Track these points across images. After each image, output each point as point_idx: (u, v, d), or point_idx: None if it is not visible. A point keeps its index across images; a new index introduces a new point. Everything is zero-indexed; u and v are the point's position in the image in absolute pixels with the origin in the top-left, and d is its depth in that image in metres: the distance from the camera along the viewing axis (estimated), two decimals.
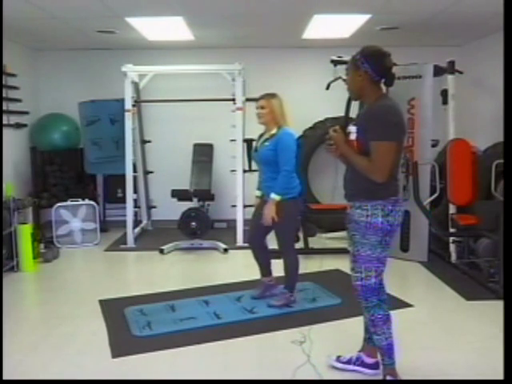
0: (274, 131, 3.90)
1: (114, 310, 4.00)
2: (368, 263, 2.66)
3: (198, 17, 5.21)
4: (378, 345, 2.73)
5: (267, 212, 3.78)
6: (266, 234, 4.11)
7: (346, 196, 2.80)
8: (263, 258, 4.18)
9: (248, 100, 6.13)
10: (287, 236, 4.03)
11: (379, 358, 2.82)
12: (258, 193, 4.15)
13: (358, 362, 2.94)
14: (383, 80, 2.67)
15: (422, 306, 4.05)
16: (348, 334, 3.43)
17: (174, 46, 6.68)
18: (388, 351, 2.71)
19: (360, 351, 2.97)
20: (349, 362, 2.96)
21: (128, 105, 6.10)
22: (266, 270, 4.21)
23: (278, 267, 4.21)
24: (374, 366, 2.91)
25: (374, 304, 2.69)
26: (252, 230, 4.18)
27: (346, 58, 5.62)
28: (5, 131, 5.83)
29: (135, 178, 6.45)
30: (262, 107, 3.91)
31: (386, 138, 2.54)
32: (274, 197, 3.78)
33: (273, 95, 3.95)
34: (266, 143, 3.91)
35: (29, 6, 4.57)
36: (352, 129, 2.69)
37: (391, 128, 2.56)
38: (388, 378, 2.72)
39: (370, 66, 2.60)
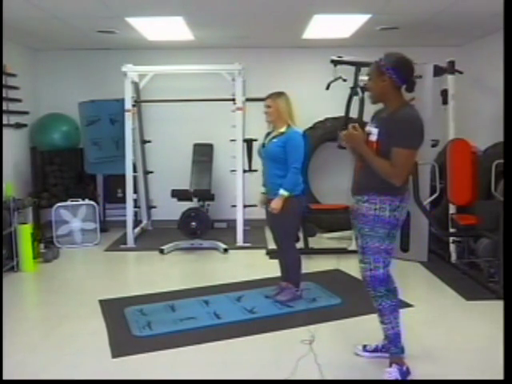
0: (282, 129, 3.95)
1: (114, 310, 4.00)
2: (377, 254, 2.79)
3: (198, 17, 5.21)
4: (385, 333, 2.87)
5: (275, 206, 3.85)
6: None
7: (352, 190, 2.88)
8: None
9: (248, 100, 6.13)
10: (289, 232, 4.08)
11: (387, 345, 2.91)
12: (263, 189, 4.19)
13: (385, 349, 3.04)
14: (404, 86, 2.76)
15: (422, 305, 4.05)
16: (348, 333, 3.43)
17: (174, 46, 6.68)
18: (394, 340, 2.85)
19: (385, 339, 3.05)
20: (375, 350, 3.10)
21: (128, 105, 6.10)
22: (287, 274, 4.22)
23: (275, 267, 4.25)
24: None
25: (381, 294, 2.82)
26: (274, 233, 4.19)
27: (346, 58, 5.69)
28: (5, 131, 5.83)
29: (135, 178, 6.45)
30: (269, 106, 3.99)
31: (409, 146, 2.67)
32: (283, 193, 3.84)
33: (279, 94, 4.01)
34: (275, 140, 3.95)
35: (29, 6, 4.57)
36: (373, 130, 2.77)
37: (416, 138, 2.70)
38: (394, 366, 2.82)
39: (394, 73, 2.71)
